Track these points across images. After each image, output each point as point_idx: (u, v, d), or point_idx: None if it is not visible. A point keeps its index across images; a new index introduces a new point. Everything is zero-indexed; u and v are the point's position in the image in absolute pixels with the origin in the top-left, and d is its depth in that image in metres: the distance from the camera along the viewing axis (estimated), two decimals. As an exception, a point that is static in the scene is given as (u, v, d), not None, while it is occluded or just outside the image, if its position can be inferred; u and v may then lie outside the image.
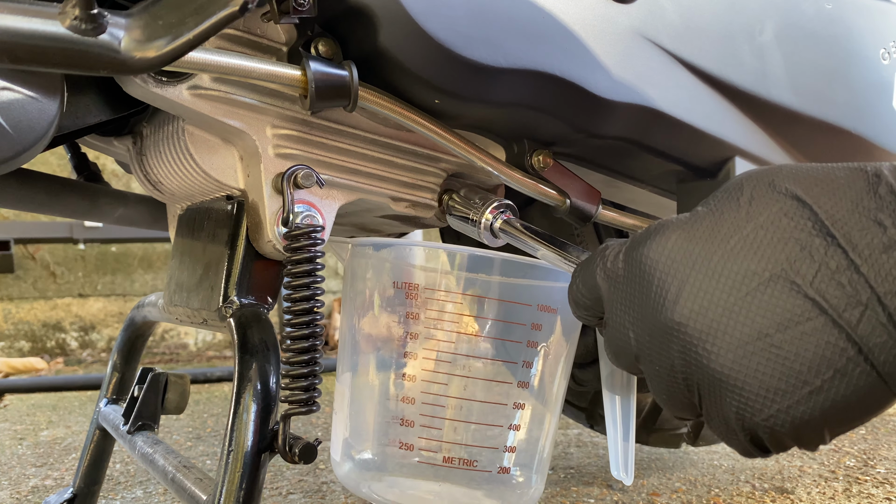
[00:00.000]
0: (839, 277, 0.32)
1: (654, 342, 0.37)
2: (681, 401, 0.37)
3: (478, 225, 0.56)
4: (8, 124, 0.40)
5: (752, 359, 0.34)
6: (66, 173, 0.80)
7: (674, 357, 0.36)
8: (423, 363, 0.48)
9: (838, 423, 0.33)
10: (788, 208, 0.34)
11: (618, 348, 0.40)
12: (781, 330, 0.33)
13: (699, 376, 0.35)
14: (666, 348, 0.36)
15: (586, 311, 0.43)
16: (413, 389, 0.49)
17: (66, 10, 0.34)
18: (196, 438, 1.36)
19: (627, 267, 0.39)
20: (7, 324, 2.52)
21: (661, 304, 0.36)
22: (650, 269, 0.37)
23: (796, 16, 0.66)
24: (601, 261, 0.41)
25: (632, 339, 0.38)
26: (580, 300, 0.42)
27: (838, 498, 1.00)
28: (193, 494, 0.50)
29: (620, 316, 0.39)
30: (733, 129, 0.63)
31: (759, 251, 0.34)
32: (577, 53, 0.53)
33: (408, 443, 0.48)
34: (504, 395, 0.49)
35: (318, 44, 0.48)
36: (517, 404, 0.50)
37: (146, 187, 0.62)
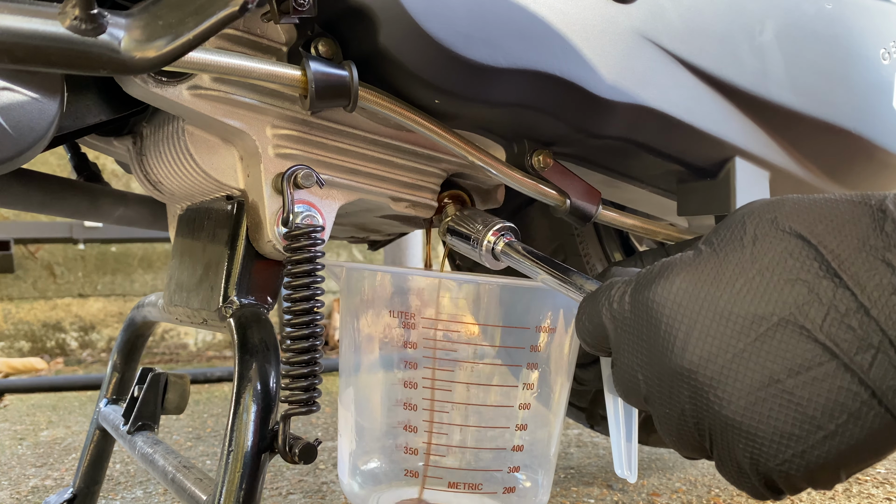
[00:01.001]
0: (849, 321, 0.32)
1: (663, 386, 0.37)
2: (691, 444, 0.37)
3: (479, 247, 0.56)
4: (8, 124, 0.40)
5: (763, 405, 0.33)
6: (66, 173, 0.80)
7: (684, 402, 0.36)
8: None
9: (854, 465, 0.33)
10: (793, 248, 0.34)
11: (627, 388, 0.40)
12: (793, 375, 0.33)
13: (710, 422, 0.35)
14: (676, 393, 0.36)
15: (594, 346, 0.42)
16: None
17: (66, 10, 0.34)
18: (196, 438, 1.36)
19: (633, 310, 0.38)
20: (7, 324, 2.52)
21: (670, 349, 0.36)
22: (657, 312, 0.37)
23: (796, 16, 0.66)
24: (606, 300, 0.40)
25: (640, 381, 0.38)
26: (587, 337, 0.42)
27: (838, 498, 1.00)
28: (193, 494, 0.50)
29: (628, 358, 0.39)
30: (733, 129, 0.62)
31: (766, 294, 0.34)
32: (577, 53, 0.53)
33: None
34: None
35: (318, 44, 0.48)
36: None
37: (146, 187, 0.62)
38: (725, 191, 0.64)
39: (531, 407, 0.50)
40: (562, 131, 0.57)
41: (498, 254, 0.55)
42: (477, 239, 0.56)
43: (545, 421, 0.52)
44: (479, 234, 0.56)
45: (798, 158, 0.69)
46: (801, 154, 0.69)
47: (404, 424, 0.49)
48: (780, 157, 0.67)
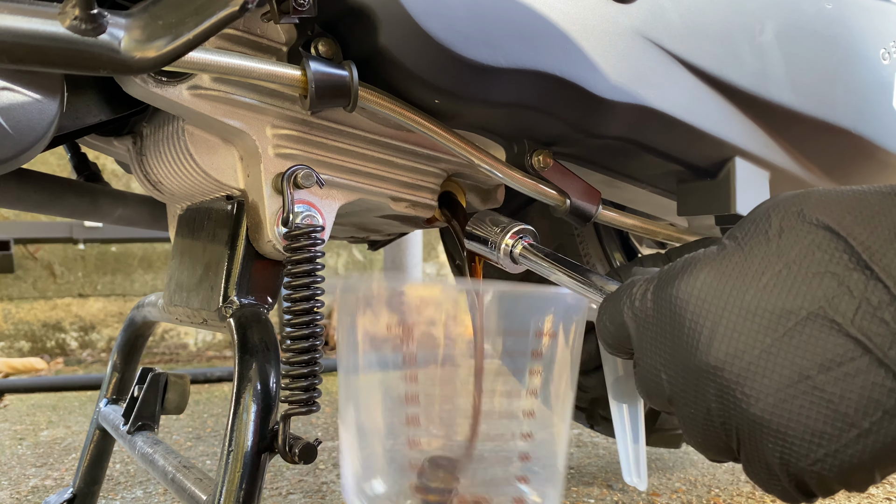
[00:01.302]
0: (882, 314, 0.31)
1: (688, 385, 0.36)
2: (717, 445, 0.36)
3: (497, 250, 0.55)
4: (8, 124, 0.40)
5: (794, 402, 0.32)
6: (66, 173, 0.80)
7: (710, 401, 0.35)
8: (426, 384, 0.47)
9: (890, 464, 0.32)
10: (821, 240, 0.33)
11: (649, 389, 0.39)
12: (823, 371, 0.32)
13: (738, 421, 0.34)
14: (701, 392, 0.35)
15: (615, 348, 0.41)
16: (418, 409, 0.48)
17: (66, 10, 0.34)
18: (196, 438, 1.36)
19: (656, 307, 0.38)
20: (7, 324, 2.52)
21: (695, 346, 0.35)
22: (681, 309, 0.36)
23: (796, 16, 0.66)
24: (628, 298, 0.39)
25: (664, 380, 0.37)
26: (608, 338, 0.41)
27: (838, 498, 1.00)
28: (193, 494, 0.50)
29: (651, 357, 0.38)
30: (733, 129, 0.62)
31: (793, 288, 0.33)
32: (577, 53, 0.53)
33: (417, 463, 0.47)
34: (513, 405, 0.48)
35: (318, 44, 0.48)
36: (527, 412, 0.49)
37: (146, 187, 0.62)
38: (725, 191, 0.64)
39: (536, 415, 0.50)
40: (562, 131, 0.57)
41: (516, 257, 0.54)
42: (495, 242, 0.55)
43: (551, 429, 0.51)
44: (497, 237, 0.55)
45: (798, 158, 0.69)
46: (801, 154, 0.69)
47: (408, 439, 0.48)
48: (780, 157, 0.67)
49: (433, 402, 0.47)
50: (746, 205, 0.65)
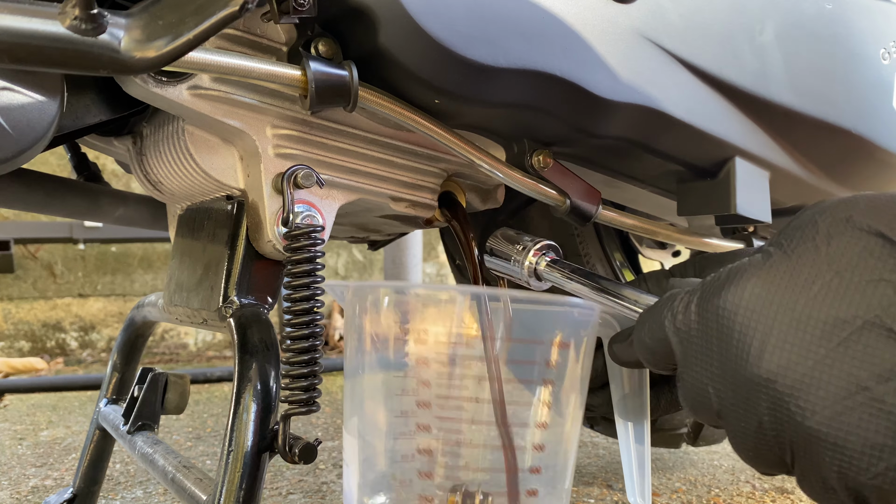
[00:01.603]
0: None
1: (738, 398, 0.35)
2: (769, 458, 0.35)
3: (521, 268, 0.54)
4: (8, 124, 0.40)
5: (851, 414, 0.31)
6: (66, 173, 0.80)
7: (762, 414, 0.34)
8: (438, 390, 0.47)
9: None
10: (873, 247, 0.32)
11: (696, 403, 0.38)
12: (882, 382, 0.31)
13: (792, 434, 0.33)
14: (753, 405, 0.34)
15: (656, 363, 0.40)
16: (428, 415, 0.47)
17: (66, 10, 0.34)
18: (196, 438, 1.36)
19: (701, 319, 0.37)
20: (7, 324, 2.52)
21: (745, 358, 0.34)
22: (728, 320, 0.35)
23: (797, 16, 0.66)
24: (669, 312, 0.39)
25: (712, 394, 0.36)
26: (647, 354, 0.40)
27: (838, 498, 1.00)
28: (193, 494, 0.50)
29: (698, 371, 0.37)
30: (733, 129, 0.62)
31: (846, 296, 0.32)
32: (578, 53, 0.53)
33: (427, 471, 0.46)
34: (524, 415, 0.48)
35: (318, 44, 0.48)
36: (540, 423, 0.48)
37: (146, 187, 0.62)
38: (725, 190, 0.64)
39: (548, 427, 0.49)
40: (562, 131, 0.57)
41: (541, 274, 0.53)
42: (518, 260, 0.54)
43: (561, 444, 0.50)
44: (521, 255, 0.54)
45: (798, 158, 0.69)
46: (801, 154, 0.69)
47: (417, 448, 0.48)
48: (780, 157, 0.67)
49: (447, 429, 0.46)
50: (746, 205, 0.65)
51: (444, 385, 0.46)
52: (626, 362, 0.48)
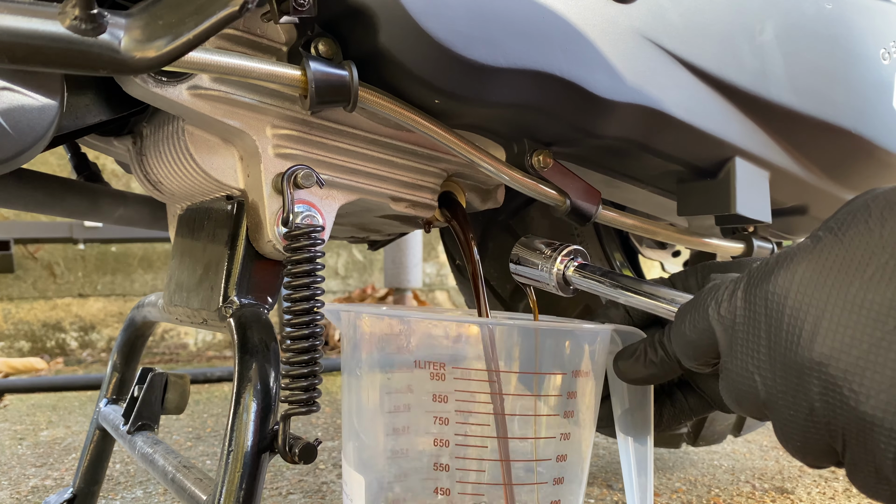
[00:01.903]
0: None
1: (787, 385, 0.34)
2: (819, 448, 0.35)
3: (549, 274, 0.53)
4: (8, 124, 0.40)
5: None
6: (66, 173, 0.80)
7: (813, 400, 0.33)
8: (456, 428, 0.46)
9: None
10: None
11: (741, 394, 0.37)
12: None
13: (844, 420, 0.32)
14: (803, 391, 0.34)
15: (696, 357, 0.40)
16: (447, 454, 0.46)
17: (66, 10, 0.34)
18: (196, 438, 1.36)
19: (749, 305, 0.36)
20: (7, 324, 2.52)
21: (795, 342, 0.33)
22: (778, 305, 0.34)
23: (797, 16, 0.66)
24: (714, 302, 0.38)
25: (758, 383, 0.36)
26: (688, 350, 0.40)
27: (838, 498, 1.00)
28: (193, 494, 0.50)
29: (743, 360, 0.36)
30: (733, 129, 0.63)
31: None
32: (578, 53, 0.53)
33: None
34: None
35: (318, 44, 0.48)
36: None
37: (146, 187, 0.62)
38: (725, 190, 0.64)
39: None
40: (562, 131, 0.57)
41: (570, 279, 0.52)
42: (546, 267, 0.53)
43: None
44: (548, 261, 0.53)
45: (798, 158, 0.69)
46: (801, 154, 0.69)
47: (434, 462, 0.47)
48: (780, 157, 0.67)
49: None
50: (746, 205, 0.65)
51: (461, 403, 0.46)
52: (632, 379, 0.47)
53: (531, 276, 0.55)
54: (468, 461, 0.46)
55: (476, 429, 0.45)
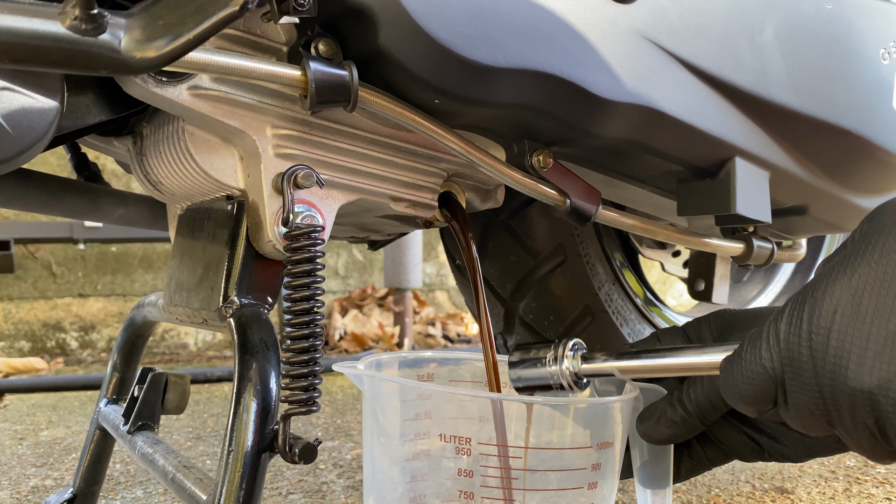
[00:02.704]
0: None
1: (844, 414, 0.36)
2: (888, 457, 0.37)
3: (560, 375, 0.50)
4: (8, 124, 0.40)
5: None
6: (66, 173, 0.80)
7: (871, 426, 0.36)
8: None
9: None
10: None
11: (807, 424, 0.39)
12: None
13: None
14: (860, 418, 0.36)
15: (757, 407, 0.41)
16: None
17: (66, 10, 0.34)
18: (196, 438, 1.36)
19: (791, 346, 0.37)
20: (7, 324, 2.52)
21: (844, 374, 0.35)
22: (822, 344, 0.36)
23: (796, 16, 0.66)
24: (757, 351, 0.39)
25: (819, 415, 0.38)
26: (747, 397, 0.40)
27: (838, 498, 1.00)
28: (193, 494, 0.50)
29: (800, 397, 0.38)
30: (733, 129, 0.62)
31: None
32: (578, 53, 0.53)
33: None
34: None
35: (318, 44, 0.48)
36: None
37: (146, 187, 0.62)
38: (725, 190, 0.64)
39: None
40: (562, 131, 0.57)
41: (582, 373, 0.50)
42: (554, 370, 0.50)
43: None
44: (554, 363, 0.50)
45: (798, 158, 0.69)
46: (801, 154, 0.69)
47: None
48: (780, 157, 0.67)
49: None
50: (746, 205, 0.65)
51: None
52: (656, 440, 0.48)
53: (539, 381, 0.52)
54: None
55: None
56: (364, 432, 0.50)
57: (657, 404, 0.48)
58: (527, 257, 1.02)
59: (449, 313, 3.11)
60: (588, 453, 0.46)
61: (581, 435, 0.47)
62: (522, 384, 0.53)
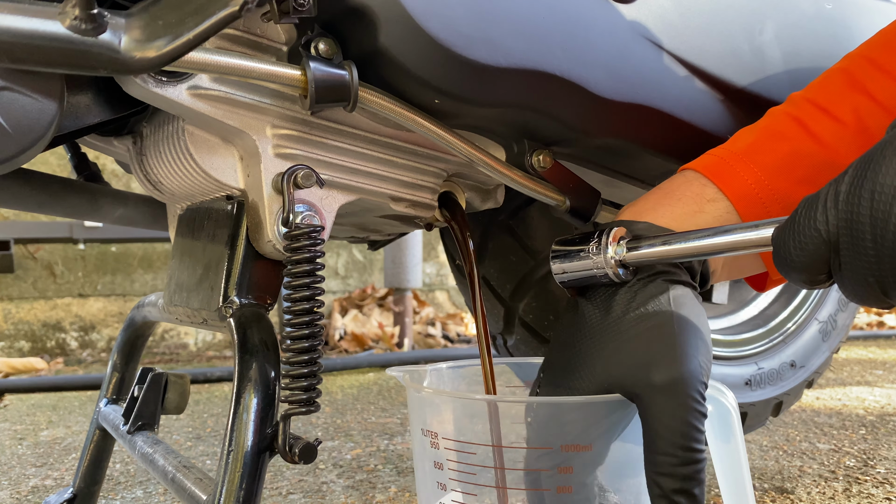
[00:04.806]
0: None
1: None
2: None
3: (605, 264, 0.48)
4: (8, 124, 0.40)
5: None
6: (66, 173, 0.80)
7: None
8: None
9: None
10: None
11: (861, 297, 0.36)
12: None
13: None
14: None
15: (811, 277, 0.38)
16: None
17: (66, 10, 0.34)
18: (196, 438, 1.36)
19: (851, 208, 0.34)
20: (7, 324, 2.52)
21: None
22: (884, 203, 0.33)
23: (796, 15, 0.66)
24: (813, 214, 0.36)
25: (874, 284, 0.34)
26: (800, 266, 0.37)
27: (838, 498, 1.00)
28: (193, 494, 0.50)
29: (855, 265, 0.34)
30: (733, 128, 0.63)
31: None
32: (578, 53, 0.53)
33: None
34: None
35: (318, 44, 0.48)
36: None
37: (146, 187, 0.62)
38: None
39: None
40: (562, 131, 0.57)
41: (627, 261, 0.47)
42: (599, 260, 0.48)
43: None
44: (598, 252, 0.48)
45: (798, 158, 0.69)
46: (801, 154, 0.69)
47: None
48: (780, 157, 0.67)
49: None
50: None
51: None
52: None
53: (581, 272, 0.49)
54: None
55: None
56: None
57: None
58: (527, 257, 1.02)
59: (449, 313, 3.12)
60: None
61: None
62: (567, 279, 0.50)
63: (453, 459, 0.46)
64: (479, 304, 0.61)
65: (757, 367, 1.09)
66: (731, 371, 1.06)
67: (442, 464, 0.47)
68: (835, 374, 2.03)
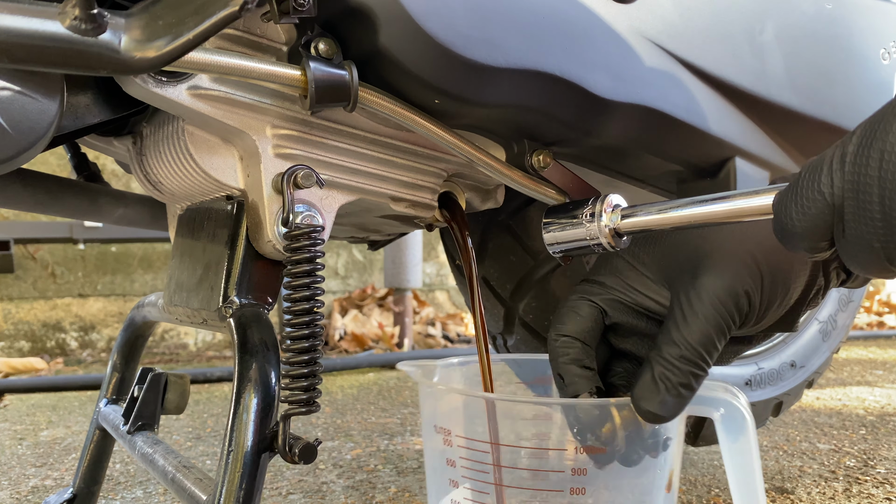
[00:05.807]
0: None
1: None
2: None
3: (599, 233, 0.47)
4: (8, 124, 0.40)
5: None
6: (66, 173, 0.80)
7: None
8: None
9: None
10: None
11: (865, 263, 0.34)
12: None
13: None
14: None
15: (809, 239, 0.36)
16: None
17: (66, 10, 0.34)
18: (196, 438, 1.36)
19: (858, 170, 0.33)
20: (7, 324, 2.52)
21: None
22: (893, 164, 0.31)
23: (796, 16, 0.66)
24: (818, 177, 0.34)
25: (878, 249, 0.33)
26: (801, 230, 0.36)
27: (838, 498, 1.00)
28: (193, 494, 0.50)
29: (859, 230, 0.33)
30: (733, 128, 0.63)
31: None
32: (578, 53, 0.53)
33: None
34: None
35: (318, 44, 0.48)
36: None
37: (146, 187, 0.62)
38: (725, 190, 0.64)
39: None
40: (562, 131, 0.57)
41: (622, 230, 0.46)
42: (592, 228, 0.47)
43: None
44: (592, 220, 0.47)
45: (798, 158, 0.69)
46: (801, 154, 0.69)
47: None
48: (780, 157, 0.67)
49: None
50: (746, 205, 0.65)
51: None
52: (671, 414, 0.44)
53: (574, 241, 0.48)
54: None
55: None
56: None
57: (644, 381, 0.43)
58: (527, 257, 1.02)
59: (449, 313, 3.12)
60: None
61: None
62: (559, 249, 0.48)
63: (465, 457, 0.46)
64: (478, 304, 0.61)
65: (757, 368, 1.08)
66: (731, 371, 1.06)
67: (454, 461, 0.47)
68: (835, 374, 2.04)
